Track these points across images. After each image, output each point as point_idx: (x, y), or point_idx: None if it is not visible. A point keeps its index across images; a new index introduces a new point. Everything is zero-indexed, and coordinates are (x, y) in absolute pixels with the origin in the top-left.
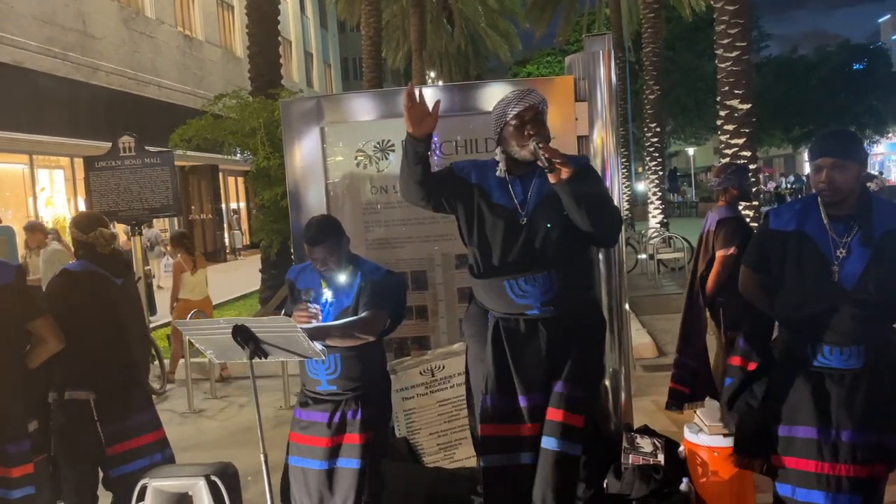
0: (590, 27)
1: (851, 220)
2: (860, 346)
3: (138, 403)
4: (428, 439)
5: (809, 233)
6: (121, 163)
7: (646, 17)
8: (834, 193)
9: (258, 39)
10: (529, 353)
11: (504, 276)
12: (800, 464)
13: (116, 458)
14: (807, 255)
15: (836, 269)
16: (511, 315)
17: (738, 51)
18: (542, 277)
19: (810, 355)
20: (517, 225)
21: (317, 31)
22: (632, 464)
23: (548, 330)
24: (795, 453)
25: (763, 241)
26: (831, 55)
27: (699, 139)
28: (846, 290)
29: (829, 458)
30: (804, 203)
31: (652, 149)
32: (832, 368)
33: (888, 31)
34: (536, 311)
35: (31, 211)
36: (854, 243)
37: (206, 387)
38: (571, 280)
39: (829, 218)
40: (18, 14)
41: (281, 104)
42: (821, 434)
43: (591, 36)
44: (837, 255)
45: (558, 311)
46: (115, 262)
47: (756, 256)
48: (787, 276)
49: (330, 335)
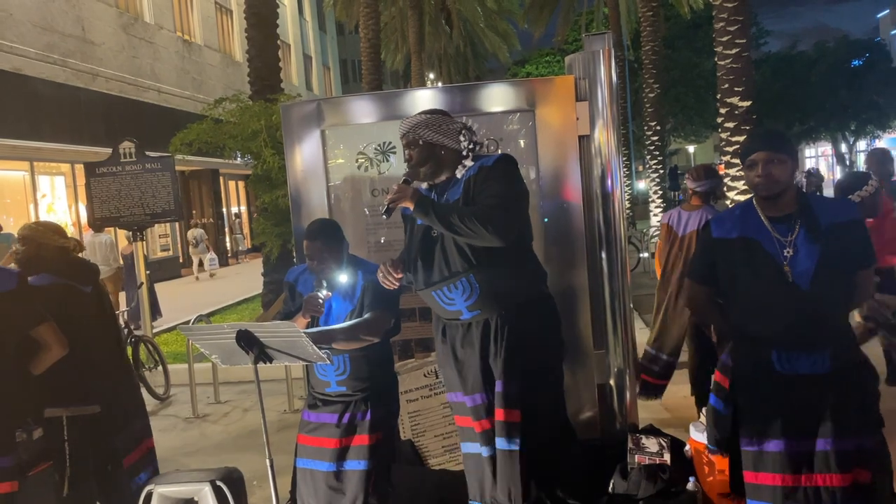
0: (588, 26)
1: (792, 219)
2: (825, 348)
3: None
4: (433, 441)
5: (753, 236)
6: (121, 168)
7: (644, 15)
8: (771, 185)
9: (257, 43)
10: (468, 356)
11: (431, 286)
12: (774, 479)
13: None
14: (756, 259)
15: (788, 270)
16: (450, 320)
17: (737, 48)
18: (462, 283)
19: (775, 363)
20: (430, 237)
21: (315, 34)
22: (638, 463)
23: (481, 333)
24: (767, 468)
25: (708, 251)
26: (831, 51)
27: (699, 137)
28: (803, 289)
29: (804, 470)
30: (742, 208)
31: (652, 147)
32: (799, 375)
33: (887, 26)
34: (467, 316)
35: (32, 218)
36: (800, 240)
37: (210, 391)
38: (495, 282)
39: (769, 220)
40: (17, 21)
41: (281, 108)
42: (792, 445)
43: (590, 35)
44: (785, 255)
45: (486, 314)
46: (86, 269)
47: (702, 269)
48: (738, 283)
49: (334, 338)
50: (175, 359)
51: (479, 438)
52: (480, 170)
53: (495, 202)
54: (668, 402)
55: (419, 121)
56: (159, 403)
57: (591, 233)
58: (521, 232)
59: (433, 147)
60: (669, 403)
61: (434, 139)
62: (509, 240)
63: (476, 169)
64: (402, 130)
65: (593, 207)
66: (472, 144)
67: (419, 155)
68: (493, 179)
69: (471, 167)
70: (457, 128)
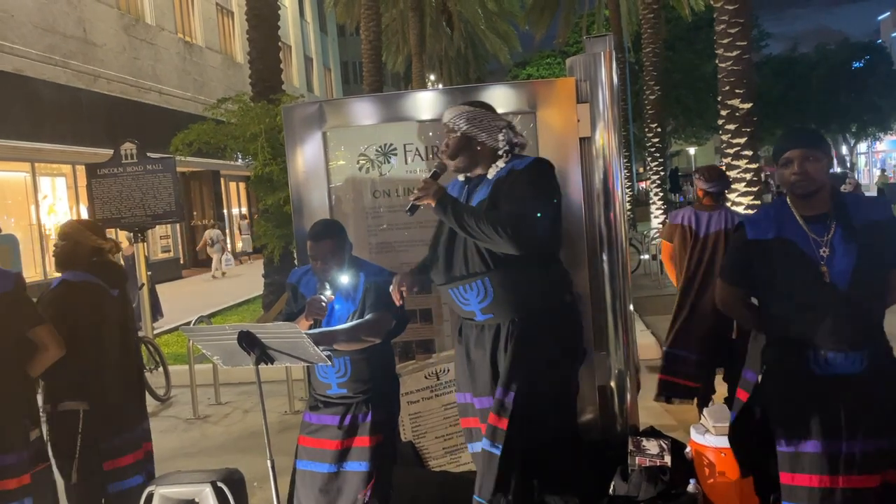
0: (589, 28)
1: (827, 218)
2: (863, 349)
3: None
4: (433, 443)
5: (790, 237)
6: (123, 170)
7: (645, 17)
8: (808, 183)
9: (258, 45)
10: (479, 357)
11: (448, 283)
12: (811, 480)
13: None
14: (793, 260)
15: (825, 270)
16: (465, 319)
17: (738, 50)
18: (477, 285)
19: (811, 364)
20: (455, 233)
21: (316, 36)
22: (638, 465)
23: (492, 336)
24: (804, 469)
25: (743, 253)
26: (831, 53)
27: (700, 139)
28: (841, 290)
29: (842, 471)
30: (776, 208)
31: (653, 149)
32: (836, 375)
33: (888, 29)
34: (480, 318)
35: (33, 219)
36: (836, 240)
37: (211, 392)
38: (510, 288)
39: (804, 219)
40: (19, 23)
41: (283, 109)
42: (829, 446)
43: (592, 37)
44: (822, 255)
45: (499, 319)
46: (116, 272)
47: (736, 270)
48: (776, 285)
49: (336, 339)
50: (176, 360)
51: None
52: (510, 173)
53: (517, 209)
54: (668, 404)
55: (462, 111)
56: (160, 404)
57: (591, 234)
58: (542, 240)
59: (470, 140)
60: (670, 405)
61: (473, 132)
62: (526, 249)
63: (506, 171)
64: (444, 118)
65: (594, 209)
66: (511, 145)
67: (455, 145)
68: (520, 185)
69: (502, 168)
70: (499, 125)
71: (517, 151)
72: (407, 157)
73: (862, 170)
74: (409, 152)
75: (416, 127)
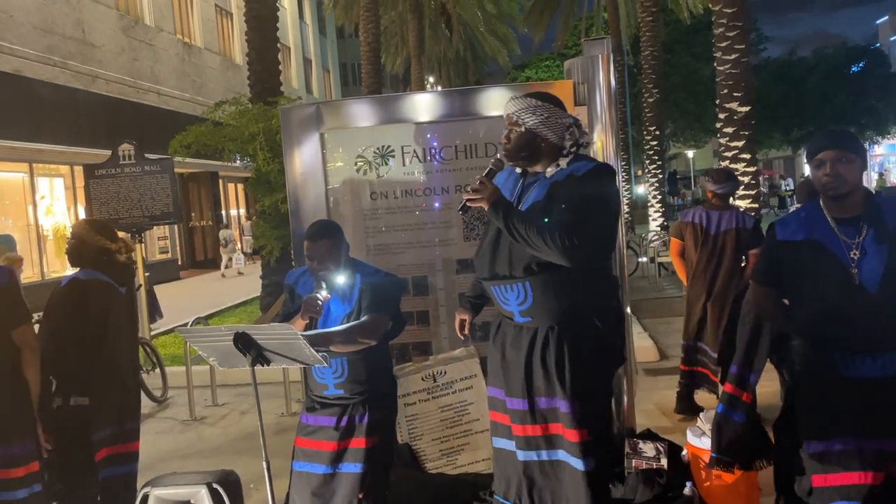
0: (588, 31)
1: (860, 221)
2: (892, 351)
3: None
4: (430, 445)
5: (819, 239)
6: (121, 170)
7: (644, 20)
8: (840, 185)
9: (257, 46)
10: (514, 357)
11: (491, 280)
12: (842, 478)
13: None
14: (822, 262)
15: (855, 272)
16: (505, 318)
17: (736, 53)
18: (518, 287)
19: (840, 366)
20: (501, 232)
21: (315, 38)
22: (635, 468)
23: (529, 340)
24: (835, 468)
25: (773, 254)
26: (830, 57)
27: (698, 142)
28: (871, 292)
29: (872, 469)
30: (808, 210)
31: (651, 152)
32: (866, 378)
33: (887, 33)
34: (518, 320)
35: (31, 219)
36: (868, 242)
37: (207, 394)
38: (551, 295)
39: (836, 221)
40: (18, 23)
41: (280, 111)
42: (861, 443)
43: (589, 40)
44: (852, 257)
45: (537, 324)
46: (125, 271)
47: (767, 271)
48: (804, 286)
49: (332, 341)
50: (173, 361)
51: (516, 440)
52: (569, 178)
53: (569, 219)
54: (665, 406)
55: (528, 105)
56: (157, 406)
57: None
58: (593, 253)
59: (535, 137)
60: (667, 408)
61: (538, 129)
62: (576, 262)
63: (565, 175)
64: (507, 109)
65: None
66: (577, 146)
67: (517, 140)
68: (577, 192)
69: (561, 170)
70: (566, 123)
71: (581, 151)
72: (405, 159)
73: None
74: (406, 154)
75: (413, 129)
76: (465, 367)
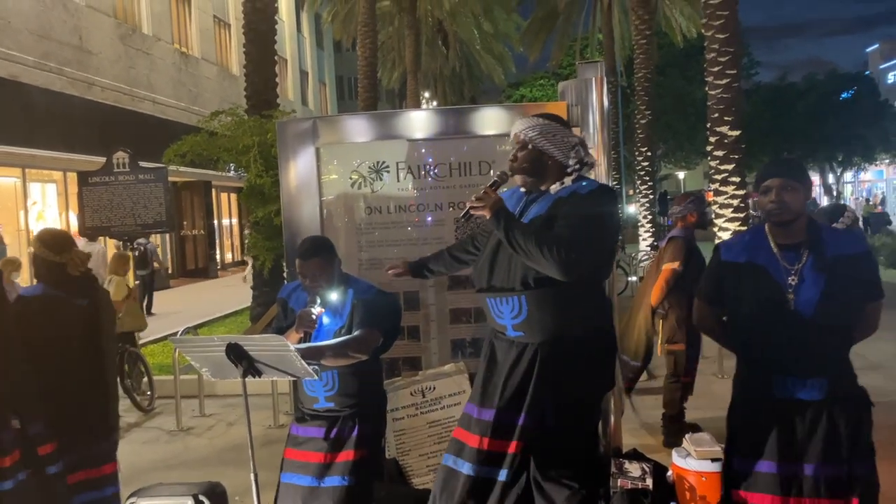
0: (583, 52)
1: (801, 248)
2: (823, 376)
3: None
4: (418, 461)
5: (761, 263)
6: (114, 178)
7: (638, 42)
8: (784, 212)
9: (254, 58)
10: (500, 370)
11: (486, 292)
12: (763, 500)
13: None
14: (761, 285)
15: (791, 297)
16: (498, 332)
17: (727, 78)
18: (513, 301)
19: (773, 387)
20: (501, 244)
21: (313, 51)
22: (620, 488)
23: (517, 354)
24: (758, 489)
25: (716, 273)
26: (820, 83)
27: (689, 163)
28: (805, 317)
29: (794, 494)
30: (752, 234)
31: (643, 172)
32: (795, 400)
33: (876, 61)
34: (510, 334)
35: (22, 225)
36: (806, 270)
37: (195, 404)
38: (546, 311)
39: (779, 247)
40: (15, 29)
41: (277, 124)
42: (784, 468)
43: (584, 63)
44: (790, 283)
45: (529, 339)
46: (83, 283)
47: (710, 289)
48: (742, 307)
49: (323, 355)
50: (161, 370)
51: (467, 455)
52: (572, 195)
53: (569, 234)
54: (652, 425)
55: (535, 124)
56: (144, 415)
57: None
58: (589, 269)
59: (541, 155)
60: (654, 427)
61: (545, 147)
62: (572, 276)
63: (569, 192)
64: (515, 129)
65: None
66: (581, 164)
67: (524, 158)
68: (578, 209)
69: (565, 188)
70: (572, 142)
71: (585, 171)
72: (399, 175)
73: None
74: (401, 170)
75: (408, 145)
76: (454, 383)
